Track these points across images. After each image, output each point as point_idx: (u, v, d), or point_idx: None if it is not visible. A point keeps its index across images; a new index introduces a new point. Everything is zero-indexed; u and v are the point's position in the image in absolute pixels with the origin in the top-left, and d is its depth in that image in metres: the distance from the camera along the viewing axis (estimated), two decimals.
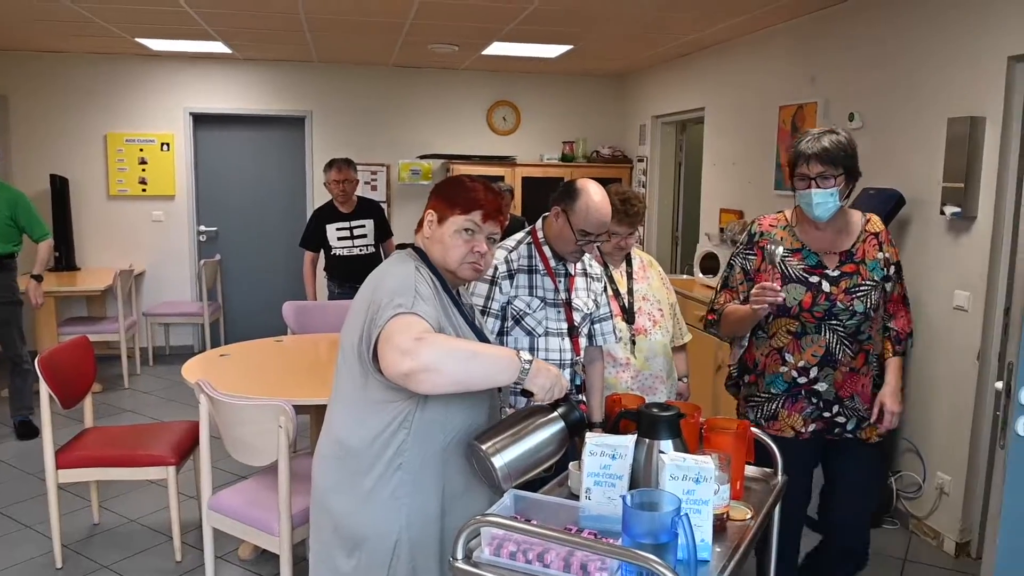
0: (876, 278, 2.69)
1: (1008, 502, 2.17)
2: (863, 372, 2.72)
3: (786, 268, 2.69)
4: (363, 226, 5.58)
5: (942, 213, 3.84)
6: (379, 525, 2.00)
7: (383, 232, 5.71)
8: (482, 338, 2.14)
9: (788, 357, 2.71)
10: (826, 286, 2.66)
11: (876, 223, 2.79)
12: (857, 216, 2.78)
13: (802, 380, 2.71)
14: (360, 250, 5.58)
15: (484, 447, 1.90)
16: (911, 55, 4.17)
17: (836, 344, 2.67)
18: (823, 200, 2.60)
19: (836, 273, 2.67)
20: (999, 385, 2.11)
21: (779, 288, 2.56)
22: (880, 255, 2.71)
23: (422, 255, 2.11)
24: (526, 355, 1.91)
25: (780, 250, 2.65)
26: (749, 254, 2.80)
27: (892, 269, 2.75)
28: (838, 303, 2.64)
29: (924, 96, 4.07)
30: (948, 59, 3.92)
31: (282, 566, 3.00)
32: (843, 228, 2.74)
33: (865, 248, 2.71)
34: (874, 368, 2.76)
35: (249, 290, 7.92)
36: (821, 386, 2.70)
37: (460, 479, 2.07)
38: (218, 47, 6.70)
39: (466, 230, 2.05)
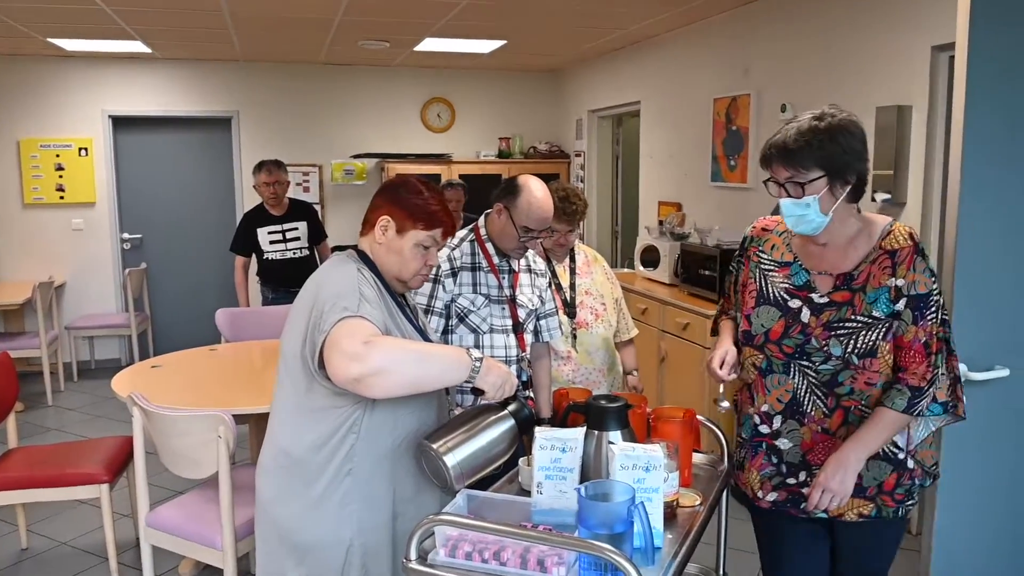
0: (875, 314, 1.97)
1: (944, 477, 2.22)
2: (840, 435, 2.03)
3: (766, 283, 2.12)
4: (296, 228, 5.45)
5: (873, 200, 3.90)
6: (329, 533, 1.96)
7: (317, 234, 5.58)
8: (426, 339, 2.12)
9: (756, 397, 2.15)
10: (806, 315, 2.03)
11: (899, 236, 2.00)
12: (878, 226, 2.05)
13: (764, 429, 2.13)
14: (293, 253, 5.44)
15: (435, 446, 1.88)
16: (840, 46, 4.24)
17: (805, 392, 2.05)
18: (794, 212, 1.97)
19: (823, 300, 2.02)
20: None
21: (726, 374, 2.11)
22: (891, 282, 1.97)
23: (363, 257, 2.07)
24: (476, 353, 1.90)
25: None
26: (740, 261, 2.25)
27: (903, 303, 1.97)
28: (813, 339, 2.01)
29: (853, 86, 4.14)
30: (875, 49, 4.00)
31: None
32: (852, 242, 2.04)
33: (872, 271, 2.00)
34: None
35: (178, 299, 7.69)
36: (783, 443, 2.09)
37: (411, 482, 2.04)
38: (137, 47, 6.47)
39: (425, 246, 2.05)
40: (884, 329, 1.98)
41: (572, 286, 3.27)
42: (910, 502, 2.09)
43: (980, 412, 2.25)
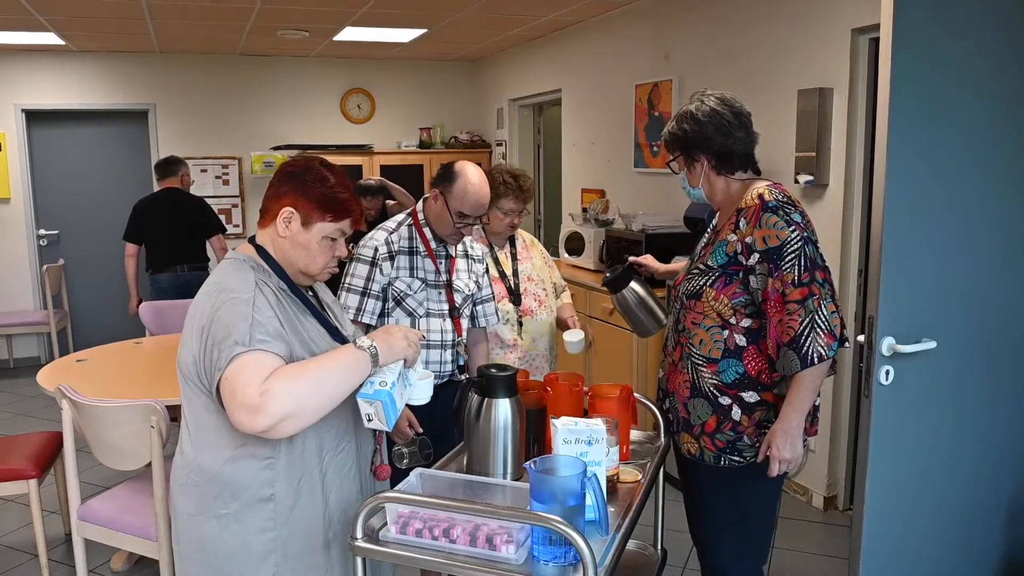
0: (709, 263, 2.22)
1: (874, 448, 2.28)
2: (680, 369, 2.29)
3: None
4: None
5: (796, 182, 4.01)
6: (253, 556, 1.81)
7: (200, 229, 5.68)
8: (339, 335, 1.95)
9: None
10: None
11: (752, 196, 2.20)
12: (746, 191, 2.26)
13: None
14: None
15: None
16: (761, 29, 4.33)
17: (671, 328, 2.40)
18: (682, 185, 2.40)
19: (698, 250, 2.37)
20: (861, 338, 2.23)
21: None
22: (732, 236, 2.19)
23: (263, 253, 1.89)
24: (363, 340, 1.78)
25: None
26: None
27: (755, 258, 2.14)
28: (679, 284, 2.35)
29: (775, 69, 4.24)
30: (796, 33, 4.09)
31: (162, 570, 2.90)
32: (734, 204, 2.27)
33: (725, 227, 2.25)
34: (698, 372, 2.23)
35: (98, 295, 7.47)
36: (660, 371, 2.46)
37: (342, 504, 1.90)
38: (50, 38, 6.25)
39: (333, 238, 1.88)
40: (714, 277, 2.20)
41: (515, 272, 3.31)
42: (735, 456, 2.21)
43: (910, 382, 2.28)
